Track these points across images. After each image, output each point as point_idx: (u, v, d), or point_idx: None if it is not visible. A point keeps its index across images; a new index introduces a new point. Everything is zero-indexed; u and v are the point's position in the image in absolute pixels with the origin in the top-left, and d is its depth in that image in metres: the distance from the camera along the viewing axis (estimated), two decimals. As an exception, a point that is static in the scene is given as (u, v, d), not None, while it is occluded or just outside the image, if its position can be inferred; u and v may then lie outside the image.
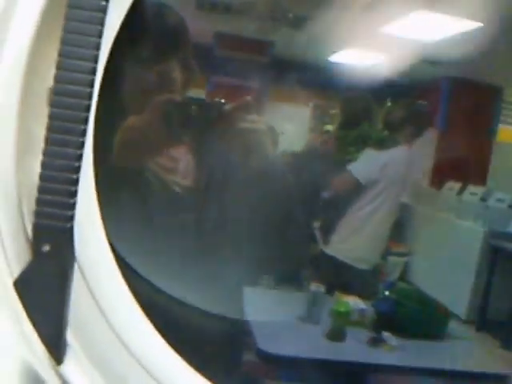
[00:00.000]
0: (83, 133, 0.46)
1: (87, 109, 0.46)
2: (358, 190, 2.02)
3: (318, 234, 2.12)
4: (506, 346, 2.29)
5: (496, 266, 2.76)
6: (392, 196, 2.07)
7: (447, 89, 3.38)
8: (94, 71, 0.45)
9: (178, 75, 0.80)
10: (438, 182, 3.32)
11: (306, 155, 2.39)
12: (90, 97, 0.45)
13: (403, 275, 2.89)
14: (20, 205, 0.49)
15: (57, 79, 0.45)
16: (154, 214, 0.83)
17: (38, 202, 0.45)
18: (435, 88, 3.36)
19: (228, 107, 0.78)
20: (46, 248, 0.46)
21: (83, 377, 0.49)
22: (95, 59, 0.45)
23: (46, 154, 0.45)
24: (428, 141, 2.85)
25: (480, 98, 3.24)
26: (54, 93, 0.45)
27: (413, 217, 2.97)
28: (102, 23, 0.45)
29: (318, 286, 1.61)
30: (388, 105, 2.65)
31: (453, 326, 1.76)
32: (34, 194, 0.45)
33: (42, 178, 0.45)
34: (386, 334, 1.55)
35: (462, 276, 2.81)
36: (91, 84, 0.45)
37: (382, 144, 2.23)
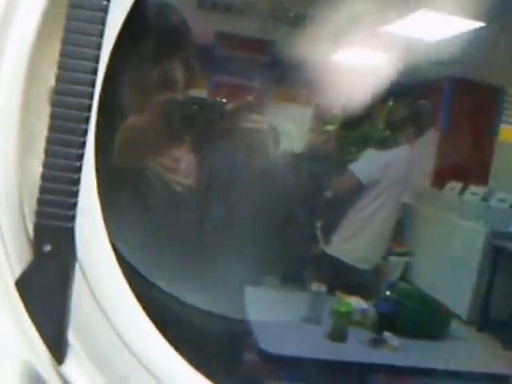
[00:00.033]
0: (84, 132, 0.46)
1: (88, 108, 0.46)
2: (359, 190, 2.02)
3: (320, 234, 2.11)
4: (508, 346, 2.28)
5: (498, 267, 2.75)
6: (393, 196, 2.06)
7: (449, 89, 3.38)
8: (95, 71, 0.45)
9: (179, 75, 0.80)
10: (440, 182, 3.32)
11: (308, 155, 2.39)
12: (91, 96, 0.45)
13: (404, 275, 2.88)
14: (21, 204, 0.49)
15: (58, 79, 0.45)
16: (155, 214, 0.83)
17: (40, 202, 0.45)
18: (437, 88, 3.35)
19: (229, 107, 0.78)
20: (47, 248, 0.46)
21: (84, 377, 0.49)
22: (96, 59, 0.45)
23: (47, 153, 0.45)
24: (429, 141, 2.85)
25: (482, 97, 3.23)
26: (56, 92, 0.45)
27: (414, 217, 2.97)
28: (103, 23, 0.45)
29: (320, 286, 1.61)
30: (389, 104, 2.64)
31: (454, 326, 1.76)
32: (36, 194, 0.45)
33: (43, 177, 0.45)
34: (387, 334, 1.55)
35: (463, 276, 2.80)
36: (92, 84, 0.45)
37: (384, 144, 2.23)
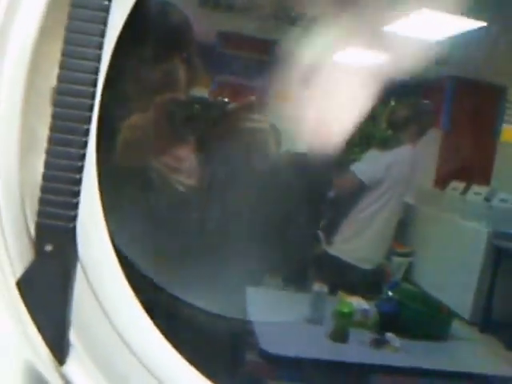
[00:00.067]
0: (86, 132, 0.46)
1: (90, 108, 0.45)
2: (361, 190, 2.01)
3: (321, 234, 2.11)
4: (511, 347, 2.28)
5: (500, 267, 2.74)
6: (396, 196, 2.06)
7: (451, 88, 3.37)
8: (96, 71, 0.45)
9: (181, 73, 0.80)
10: (442, 182, 3.31)
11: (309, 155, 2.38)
12: (93, 96, 0.45)
13: (407, 276, 2.87)
14: (23, 204, 0.49)
15: (60, 79, 0.45)
16: (157, 214, 0.83)
17: (41, 202, 0.45)
18: (439, 88, 3.34)
19: (231, 106, 0.78)
20: (48, 248, 0.46)
21: (86, 377, 0.49)
22: (98, 59, 0.45)
23: (49, 153, 0.45)
24: (432, 140, 2.84)
25: (484, 97, 3.22)
26: (57, 92, 0.45)
27: (416, 217, 2.96)
28: (104, 22, 0.45)
29: (322, 286, 1.60)
30: (391, 104, 2.64)
31: (457, 327, 1.75)
32: (37, 194, 0.45)
33: (44, 177, 0.45)
34: (389, 334, 1.54)
35: (465, 276, 2.80)
36: (94, 83, 0.45)
37: (386, 144, 2.22)
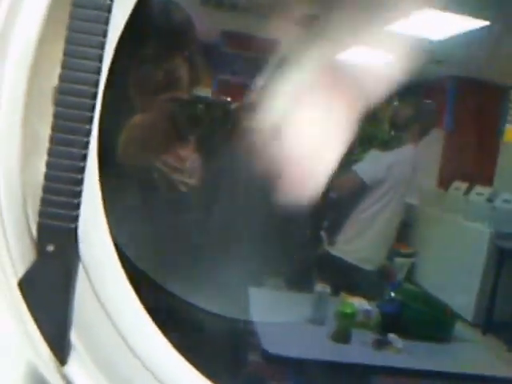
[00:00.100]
0: (88, 132, 0.46)
1: (92, 108, 0.45)
2: (363, 190, 2.00)
3: (324, 235, 2.10)
4: (513, 348, 2.27)
5: (502, 268, 2.73)
6: (398, 196, 2.05)
7: (454, 88, 3.36)
8: (98, 70, 0.45)
9: (184, 72, 0.80)
10: (445, 182, 3.30)
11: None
12: (94, 96, 0.45)
13: (409, 276, 2.87)
14: (25, 204, 0.48)
15: (62, 78, 0.45)
16: (159, 214, 0.82)
17: (43, 202, 0.45)
18: (441, 87, 3.34)
19: (234, 106, 0.77)
20: (50, 248, 0.46)
21: (87, 378, 0.49)
22: (100, 58, 0.45)
23: (50, 153, 0.45)
24: (434, 140, 2.84)
25: (487, 97, 3.22)
26: (59, 92, 0.45)
27: (419, 218, 2.95)
28: (106, 22, 0.45)
29: (324, 286, 1.60)
30: (394, 104, 2.63)
31: (459, 328, 1.75)
32: (39, 194, 0.45)
33: (46, 177, 0.45)
34: (391, 335, 1.54)
35: (468, 277, 2.79)
36: (96, 83, 0.45)
37: (388, 144, 2.22)
